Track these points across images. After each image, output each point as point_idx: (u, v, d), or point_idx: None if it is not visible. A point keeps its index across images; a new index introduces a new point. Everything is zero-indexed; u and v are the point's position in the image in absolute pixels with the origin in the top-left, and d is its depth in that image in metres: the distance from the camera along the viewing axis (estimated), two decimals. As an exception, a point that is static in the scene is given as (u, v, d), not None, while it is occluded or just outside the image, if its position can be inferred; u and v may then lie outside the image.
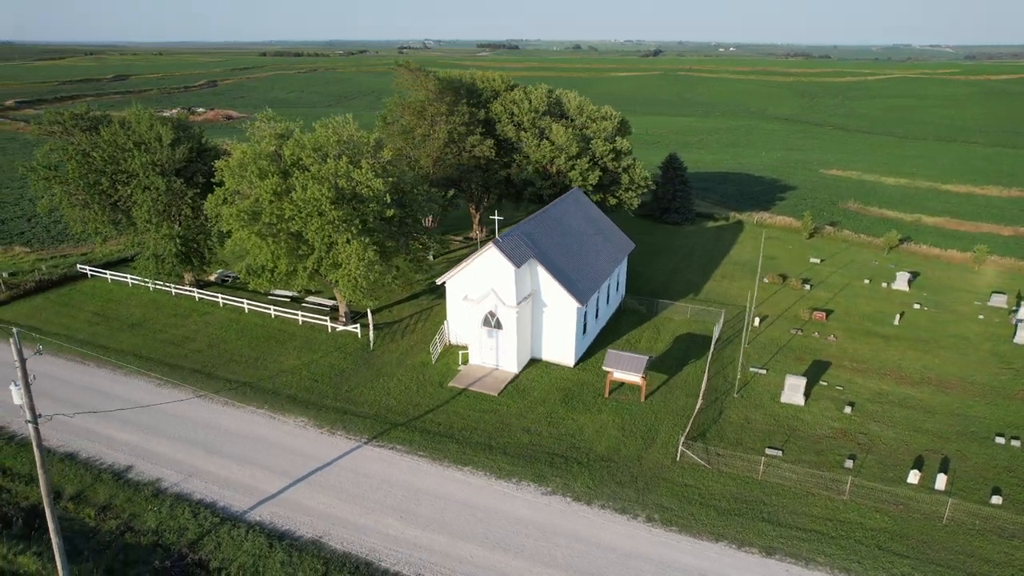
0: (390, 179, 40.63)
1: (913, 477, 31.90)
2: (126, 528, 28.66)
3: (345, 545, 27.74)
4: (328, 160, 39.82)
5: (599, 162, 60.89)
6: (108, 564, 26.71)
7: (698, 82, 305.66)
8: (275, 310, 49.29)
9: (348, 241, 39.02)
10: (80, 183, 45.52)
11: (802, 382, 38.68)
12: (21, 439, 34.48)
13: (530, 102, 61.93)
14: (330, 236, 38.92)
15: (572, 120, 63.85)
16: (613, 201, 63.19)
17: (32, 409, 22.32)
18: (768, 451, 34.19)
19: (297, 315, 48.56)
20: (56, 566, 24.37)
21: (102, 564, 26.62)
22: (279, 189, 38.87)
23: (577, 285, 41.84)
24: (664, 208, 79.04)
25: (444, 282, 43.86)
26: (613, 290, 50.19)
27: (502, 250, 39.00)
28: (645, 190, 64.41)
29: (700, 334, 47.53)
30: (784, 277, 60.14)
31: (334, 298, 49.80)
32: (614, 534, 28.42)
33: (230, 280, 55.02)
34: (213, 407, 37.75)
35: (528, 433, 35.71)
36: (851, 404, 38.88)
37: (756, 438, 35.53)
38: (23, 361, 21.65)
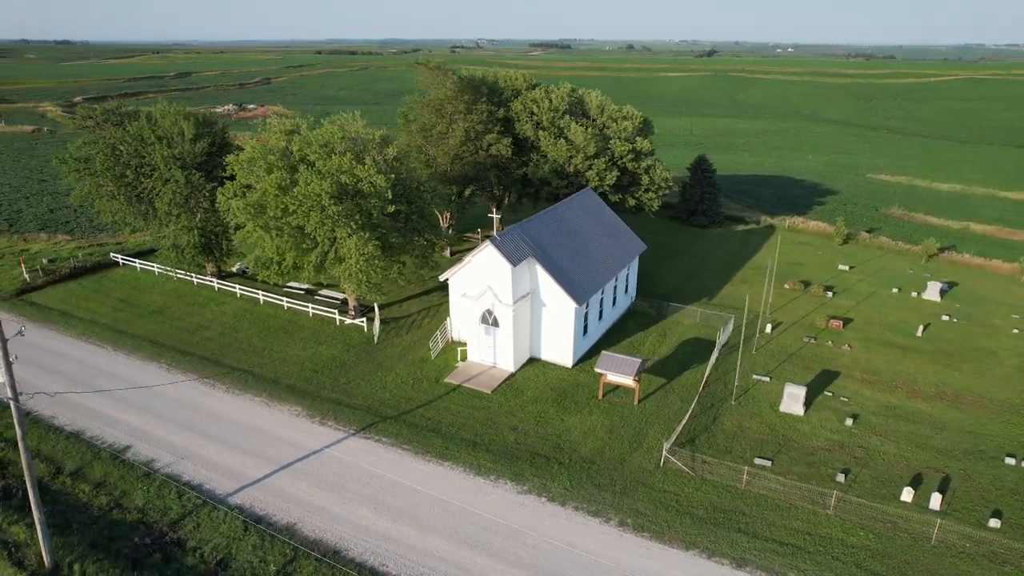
0: (392, 175, 41.19)
1: (906, 495, 30.61)
2: (115, 505, 29.99)
3: (317, 532, 28.37)
4: (333, 156, 40.66)
5: (618, 162, 60.29)
6: (94, 538, 28.01)
7: (749, 83, 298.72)
8: (288, 302, 50.63)
9: (348, 236, 39.76)
10: (107, 175, 47.75)
11: (801, 391, 37.54)
12: (35, 416, 36.40)
13: (550, 101, 61.78)
14: (331, 231, 39.73)
15: (593, 120, 63.41)
16: (633, 202, 62.48)
17: (14, 388, 23.56)
18: (757, 461, 33.34)
19: (308, 307, 49.76)
20: (37, 534, 25.70)
21: (88, 538, 27.93)
22: (284, 183, 39.93)
23: (576, 285, 41.61)
24: (691, 210, 77.69)
25: (447, 279, 44.22)
26: (621, 292, 49.68)
27: (499, 248, 39.12)
28: (667, 191, 63.42)
29: (707, 339, 46.61)
30: (806, 284, 58.40)
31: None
32: (584, 537, 28.22)
33: (249, 271, 56.73)
34: (215, 393, 39.07)
35: (515, 432, 35.75)
36: (854, 416, 37.53)
37: (747, 447, 34.68)
38: (4, 341, 22.88)
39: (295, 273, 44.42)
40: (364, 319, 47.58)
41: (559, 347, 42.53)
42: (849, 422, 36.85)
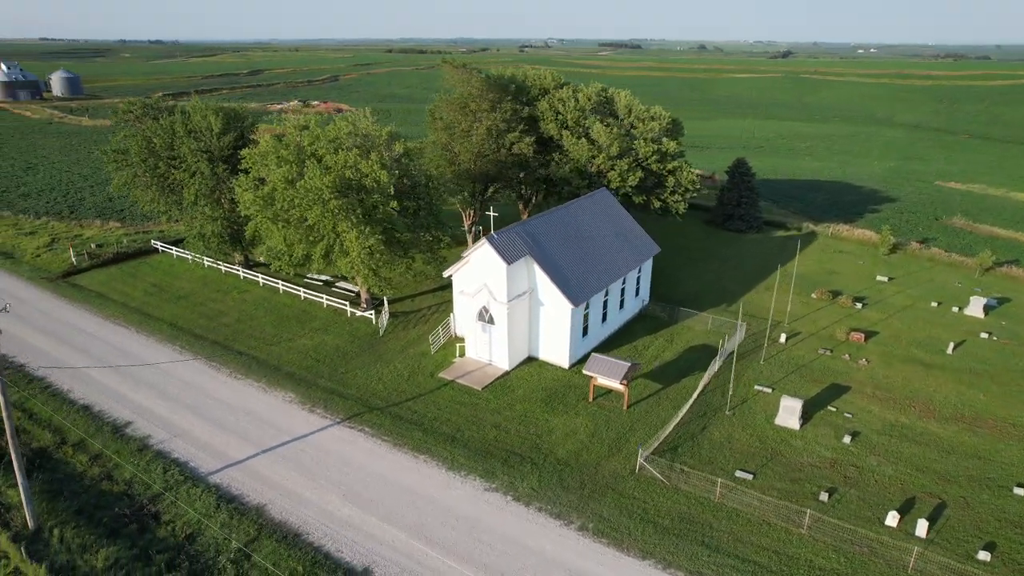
0: (396, 171, 41.88)
1: (891, 519, 28.96)
2: (106, 476, 31.81)
3: (284, 515, 29.29)
4: (340, 151, 41.72)
5: (643, 163, 59.27)
6: (80, 505, 29.82)
7: (821, 85, 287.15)
8: (305, 292, 52.25)
9: (349, 229, 40.72)
10: (142, 166, 50.54)
11: (798, 404, 36.03)
12: (54, 390, 39.00)
13: (576, 100, 61.32)
14: (332, 224, 40.78)
15: (620, 120, 62.54)
16: (658, 204, 61.30)
17: (-2, 359, 25.33)
18: (738, 473, 32.25)
19: (323, 298, 51.21)
20: (21, 498, 27.59)
21: (75, 505, 29.76)
22: (292, 177, 41.25)
23: (574, 285, 41.25)
24: (727, 215, 75.47)
25: (451, 275, 44.63)
26: (630, 294, 48.87)
27: (495, 246, 39.23)
28: (694, 194, 61.89)
29: (715, 346, 45.29)
30: (835, 294, 55.86)
31: (363, 285, 52.00)
32: (541, 538, 28.04)
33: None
34: (219, 376, 40.80)
35: (497, 429, 35.80)
36: (854, 434, 35.73)
37: (732, 459, 33.58)
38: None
39: (307, 264, 45.78)
40: (373, 312, 48.59)
41: (556, 347, 42.28)
42: (847, 439, 35.11)
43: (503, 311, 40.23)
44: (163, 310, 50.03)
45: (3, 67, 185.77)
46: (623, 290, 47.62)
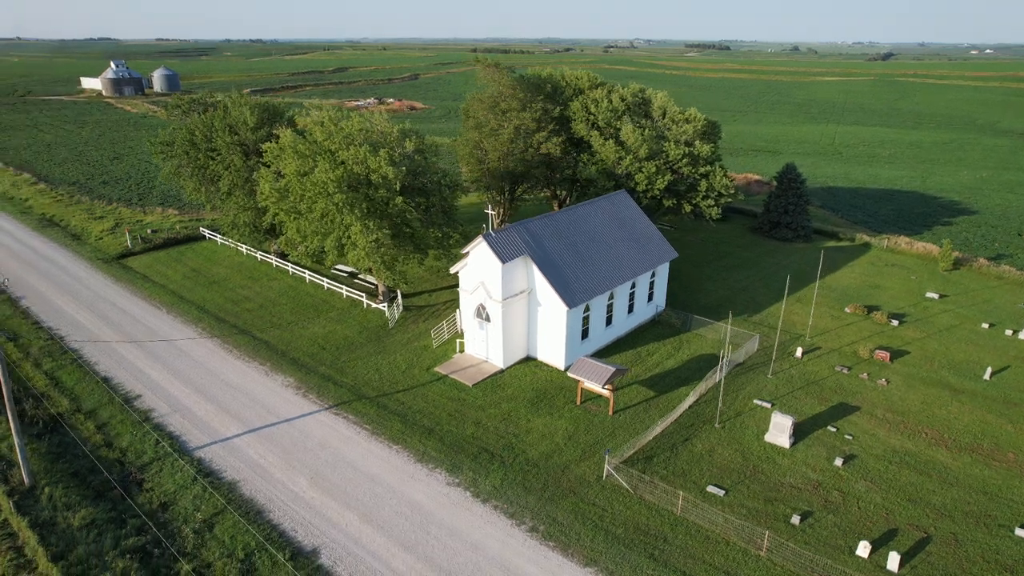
0: (403, 168, 42.79)
1: (863, 549, 27.24)
2: (107, 443, 34.27)
3: (252, 492, 30.68)
4: (352, 147, 43.06)
5: (673, 166, 57.86)
6: (77, 468, 32.31)
7: (917, 89, 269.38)
8: (328, 283, 54.20)
9: (353, 222, 41.98)
10: (184, 157, 53.87)
11: (788, 421, 34.34)
12: (83, 362, 42.29)
13: (610, 101, 60.54)
14: (338, 217, 42.13)
15: (654, 121, 61.25)
16: (689, 208, 59.68)
17: (-5, 329, 27.81)
18: (710, 488, 31.14)
19: (343, 289, 52.97)
20: (18, 459, 30.20)
21: (73, 467, 32.26)
22: (304, 170, 42.94)
23: (571, 287, 40.89)
24: (774, 222, 72.41)
25: (457, 271, 45.16)
26: (641, 299, 47.88)
27: (490, 244, 39.48)
28: (729, 199, 59.80)
29: (729, 356, 43.73)
30: (871, 309, 52.67)
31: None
32: (489, 536, 28.12)
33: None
34: (228, 359, 43.03)
35: (476, 426, 36.06)
36: (849, 457, 33.73)
37: (709, 473, 32.44)
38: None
39: (323, 256, 47.48)
40: (386, 304, 49.83)
41: (552, 348, 42.07)
42: (839, 462, 33.18)
43: (498, 309, 40.41)
44: (195, 293, 53.16)
45: (112, 65, 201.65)
46: (632, 294, 46.73)
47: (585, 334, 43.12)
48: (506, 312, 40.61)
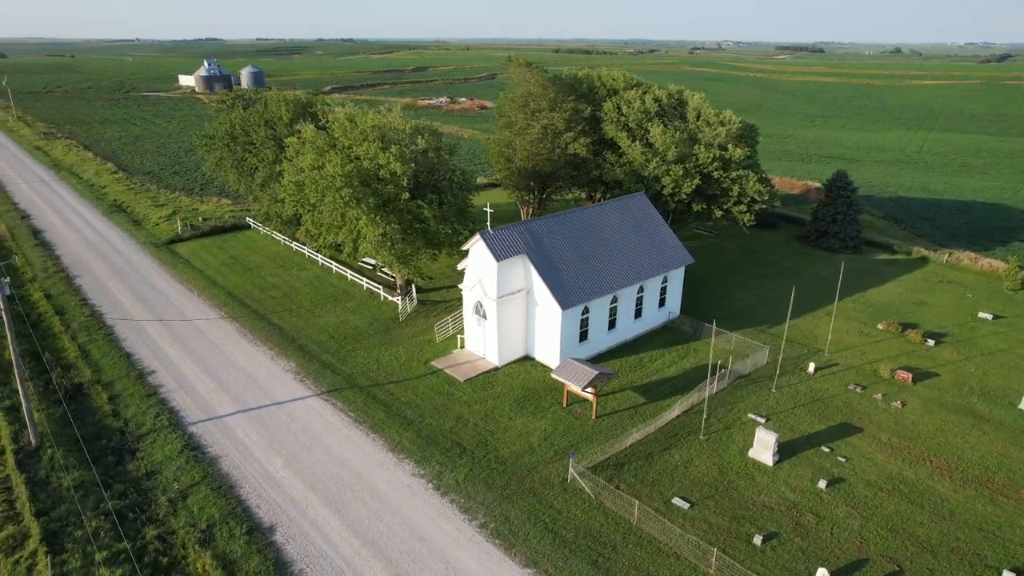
0: (412, 164, 43.67)
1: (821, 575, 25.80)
2: (113, 413, 36.89)
3: (230, 468, 32.29)
4: (365, 143, 44.36)
5: (703, 169, 56.21)
6: (83, 433, 34.94)
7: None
8: (351, 274, 55.98)
9: (359, 216, 43.25)
10: (225, 150, 56.99)
11: (772, 438, 32.82)
12: (113, 337, 45.59)
13: (643, 102, 59.45)
14: (343, 210, 43.49)
15: (688, 123, 59.65)
16: (719, 213, 57.83)
17: (2, 291, 30.55)
18: (675, 500, 30.26)
19: (363, 281, 54.58)
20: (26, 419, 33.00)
21: (80, 432, 34.90)
22: (319, 165, 44.58)
23: (567, 288, 40.57)
24: (821, 232, 68.97)
25: (462, 268, 45.67)
26: (651, 305, 46.84)
27: (487, 242, 39.76)
28: (763, 205, 57.45)
29: (728, 367, 42.24)
30: (907, 326, 49.38)
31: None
32: (438, 529, 28.45)
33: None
34: (241, 342, 45.27)
35: (457, 421, 36.44)
36: (836, 480, 31.91)
37: (679, 484, 31.51)
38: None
39: (341, 248, 49.10)
40: (400, 297, 50.97)
41: (547, 348, 41.90)
42: (823, 484, 31.45)
43: (493, 307, 40.62)
44: (228, 279, 56.15)
45: (205, 64, 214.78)
46: (640, 299, 45.81)
47: (584, 336, 42.67)
48: (501, 310, 40.76)
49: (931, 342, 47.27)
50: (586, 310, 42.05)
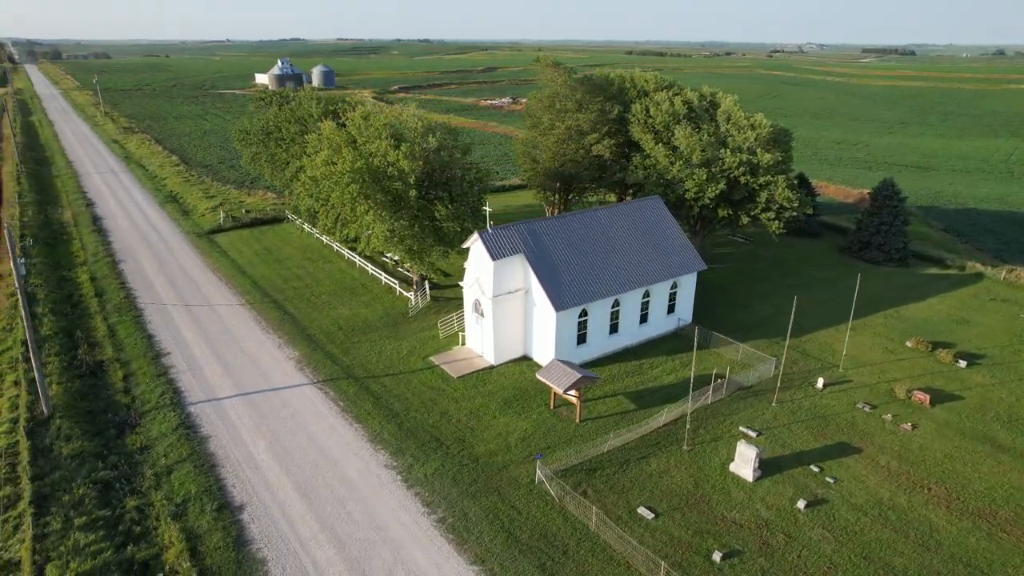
0: (419, 161, 44.34)
1: (775, 599, 24.67)
2: (124, 390, 39.20)
3: (216, 447, 33.78)
4: (378, 140, 45.37)
5: (728, 174, 54.50)
6: (93, 407, 37.35)
7: None
8: (372, 269, 57.32)
9: (366, 212, 44.27)
10: (259, 145, 59.48)
11: (753, 453, 31.56)
12: (141, 320, 48.40)
13: (671, 104, 58.18)
14: (352, 206, 44.59)
15: (718, 127, 57.93)
16: (747, 220, 55.94)
17: (18, 271, 33.00)
18: (640, 510, 29.60)
19: (381, 275, 55.79)
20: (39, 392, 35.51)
21: (90, 406, 37.31)
22: (331, 161, 45.90)
23: (563, 290, 40.26)
24: (864, 243, 65.57)
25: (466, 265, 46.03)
26: (658, 310, 45.84)
27: (484, 241, 39.99)
28: (793, 213, 55.13)
29: (735, 378, 40.89)
30: (937, 345, 46.38)
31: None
32: (396, 520, 28.87)
33: None
34: (254, 329, 47.17)
35: (441, 416, 36.81)
36: (818, 501, 30.41)
37: (648, 494, 30.78)
38: (13, 245, 32.29)
39: (357, 242, 50.40)
40: (413, 292, 51.83)
41: (544, 349, 41.70)
42: (801, 504, 30.03)
43: (489, 306, 40.78)
44: (256, 269, 58.55)
45: (278, 63, 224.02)
46: (646, 304, 44.92)
47: (582, 339, 42.21)
48: (497, 309, 40.86)
49: (963, 363, 44.23)
50: (584, 313, 41.60)
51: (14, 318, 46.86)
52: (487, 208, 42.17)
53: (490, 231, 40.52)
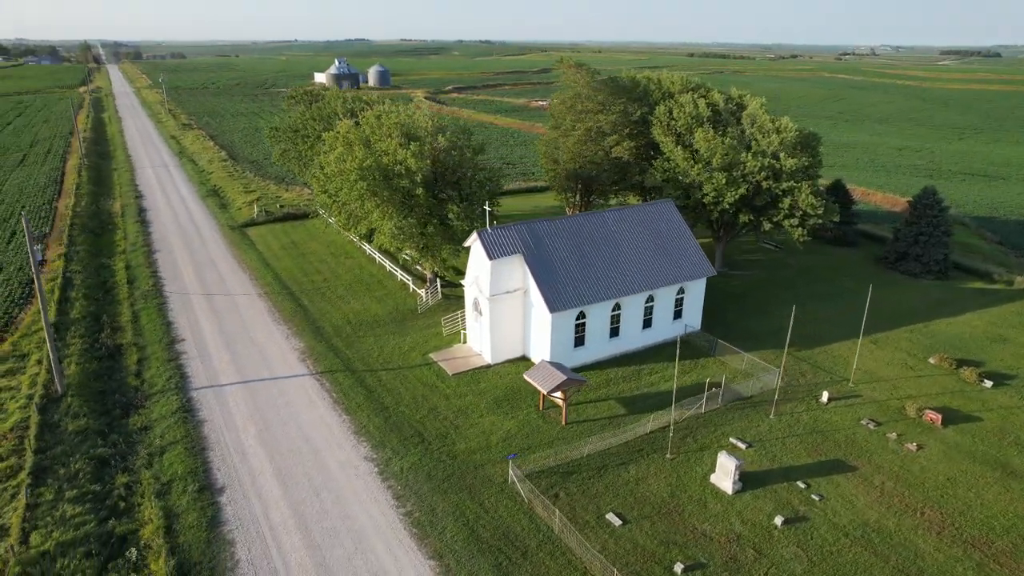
0: (427, 161, 44.87)
1: (730, 616, 23.94)
2: (136, 373, 41.16)
3: (209, 431, 35.13)
4: (389, 139, 46.18)
5: (749, 178, 52.99)
6: (104, 387, 39.39)
7: None
8: (390, 265, 58.33)
9: (373, 208, 45.09)
10: (288, 142, 61.37)
11: (732, 464, 30.64)
12: (164, 308, 50.71)
13: (695, 106, 56.97)
14: (361, 203, 45.47)
15: (742, 130, 56.38)
16: (768, 226, 54.27)
17: (34, 257, 35.08)
18: (609, 516, 29.19)
19: (397, 272, 56.70)
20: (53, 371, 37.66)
21: (103, 387, 39.35)
22: (344, 158, 46.95)
23: (560, 292, 40.03)
24: (901, 253, 62.57)
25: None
26: (663, 315, 45.00)
27: (483, 241, 40.19)
28: (818, 220, 53.12)
29: (734, 387, 39.82)
30: (964, 363, 43.91)
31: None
32: (365, 511, 29.36)
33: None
34: (266, 321, 48.70)
35: (430, 412, 37.18)
36: (798, 518, 29.31)
37: (621, 501, 30.32)
38: (30, 231, 34.39)
39: (368, 238, 51.45)
40: (425, 288, 52.48)
41: (540, 350, 41.57)
42: (779, 520, 29.01)
43: (487, 305, 40.93)
44: (280, 262, 60.40)
45: (336, 62, 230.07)
46: (650, 308, 44.18)
47: (580, 341, 41.87)
48: (495, 308, 40.97)
49: (988, 383, 41.74)
50: (583, 315, 41.25)
51: (49, 302, 49.79)
52: (487, 207, 42.29)
53: (489, 230, 40.67)
